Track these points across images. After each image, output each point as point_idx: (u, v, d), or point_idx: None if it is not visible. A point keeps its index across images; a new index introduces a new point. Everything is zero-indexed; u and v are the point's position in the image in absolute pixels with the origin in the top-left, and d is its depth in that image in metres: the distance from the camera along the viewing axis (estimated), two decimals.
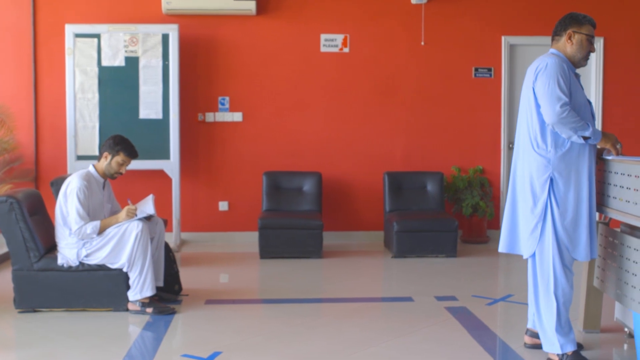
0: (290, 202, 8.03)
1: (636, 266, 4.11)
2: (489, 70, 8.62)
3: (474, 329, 4.93)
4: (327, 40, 8.48)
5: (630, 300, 4.18)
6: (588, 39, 4.25)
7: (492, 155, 8.64)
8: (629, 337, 4.68)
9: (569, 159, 4.12)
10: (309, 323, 5.08)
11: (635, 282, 4.10)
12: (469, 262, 7.33)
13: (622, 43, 8.74)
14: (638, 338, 4.25)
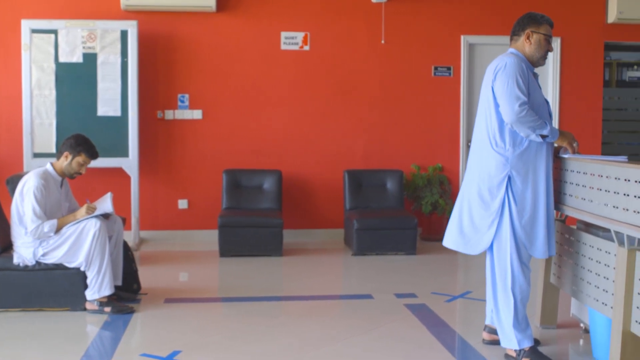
0: (250, 200, 8.01)
1: (592, 263, 4.18)
2: (448, 69, 8.69)
3: (433, 326, 4.97)
4: (287, 38, 8.47)
5: (585, 296, 4.25)
6: (546, 39, 4.30)
7: (451, 153, 8.71)
8: (585, 332, 4.75)
9: (527, 158, 4.16)
10: (268, 321, 5.08)
11: (591, 278, 4.17)
12: (428, 260, 7.38)
13: (579, 43, 8.87)
14: (593, 333, 4.32)
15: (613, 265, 3.87)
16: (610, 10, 8.80)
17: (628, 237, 3.66)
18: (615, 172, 3.80)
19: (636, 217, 3.56)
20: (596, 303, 4.10)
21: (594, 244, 4.17)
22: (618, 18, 8.72)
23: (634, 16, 8.75)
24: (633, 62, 9.49)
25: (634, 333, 3.66)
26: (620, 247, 3.72)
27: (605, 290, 3.99)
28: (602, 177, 3.94)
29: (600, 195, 3.94)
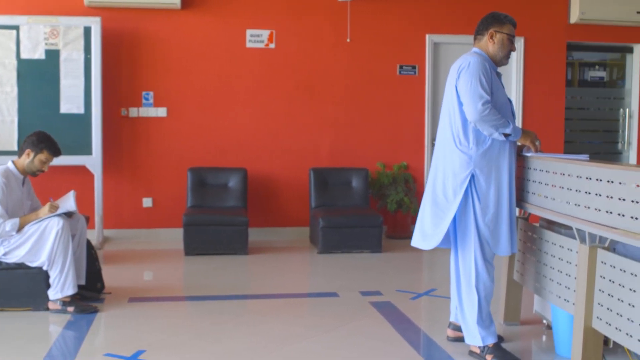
0: (216, 199, 7.98)
1: (554, 260, 4.23)
2: (413, 68, 8.74)
3: (398, 323, 4.99)
4: (252, 36, 8.45)
5: (548, 293, 4.30)
6: (509, 38, 4.33)
7: (416, 152, 8.76)
8: (548, 328, 4.81)
9: (490, 156, 4.20)
10: (234, 320, 5.06)
11: (553, 275, 4.22)
12: (394, 257, 7.42)
13: (542, 43, 8.97)
14: (556, 329, 4.37)
15: (575, 263, 3.93)
16: (573, 11, 8.92)
17: (589, 234, 3.71)
18: (577, 171, 3.85)
19: (597, 214, 3.61)
20: (558, 300, 4.15)
21: (556, 241, 4.23)
22: (580, 19, 8.83)
23: (595, 17, 8.87)
24: (595, 62, 9.61)
25: (595, 329, 3.71)
26: (582, 244, 3.77)
27: (567, 287, 4.04)
28: (564, 176, 3.99)
29: (563, 193, 3.99)
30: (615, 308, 3.51)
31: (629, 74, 9.50)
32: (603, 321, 3.63)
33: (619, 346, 4.10)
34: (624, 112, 9.48)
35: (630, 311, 3.38)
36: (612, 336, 3.57)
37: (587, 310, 3.73)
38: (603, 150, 9.62)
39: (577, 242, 3.84)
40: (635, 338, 3.34)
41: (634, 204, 3.30)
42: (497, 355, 4.19)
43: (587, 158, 4.10)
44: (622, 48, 9.46)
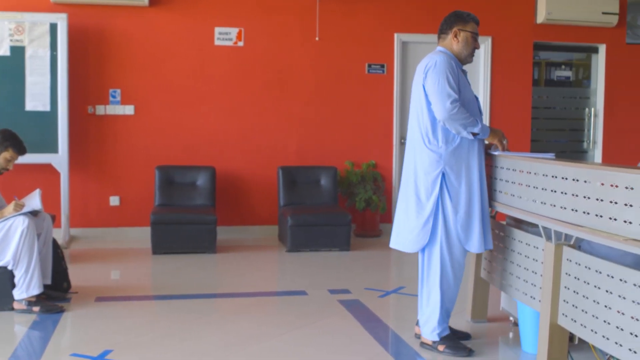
0: (184, 197, 7.94)
1: (520, 258, 4.27)
2: (382, 67, 8.76)
3: (366, 321, 5.00)
4: (221, 34, 8.42)
5: (515, 290, 4.34)
6: (473, 36, 4.37)
7: (384, 150, 8.78)
8: (514, 325, 4.85)
9: (460, 154, 4.23)
10: (202, 319, 5.04)
11: (520, 273, 4.26)
12: (362, 256, 7.44)
13: (509, 43, 9.05)
14: (522, 326, 4.42)
15: (541, 260, 3.96)
16: (540, 11, 9.01)
17: (555, 232, 3.75)
18: (543, 169, 3.89)
19: (563, 212, 3.65)
20: (525, 297, 4.19)
21: (522, 239, 4.27)
22: (547, 19, 8.92)
23: (561, 17, 8.97)
24: (561, 62, 9.71)
25: (560, 325, 3.76)
26: (548, 242, 3.81)
27: (533, 284, 4.08)
28: (530, 174, 4.02)
29: (529, 191, 4.03)
30: (581, 305, 3.55)
31: (595, 74, 9.61)
32: (568, 318, 3.67)
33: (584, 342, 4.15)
34: (590, 111, 9.60)
35: (595, 308, 3.42)
36: (577, 333, 3.61)
37: (553, 307, 3.77)
38: (569, 149, 9.73)
39: (543, 239, 3.88)
40: (600, 334, 3.38)
41: (599, 202, 3.34)
42: (448, 345, 4.31)
43: (553, 157, 4.15)
44: (587, 48, 9.57)
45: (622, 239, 3.11)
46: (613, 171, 3.28)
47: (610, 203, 3.26)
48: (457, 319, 4.93)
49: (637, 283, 3.11)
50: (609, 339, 3.31)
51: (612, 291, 3.29)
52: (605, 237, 3.25)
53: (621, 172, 3.21)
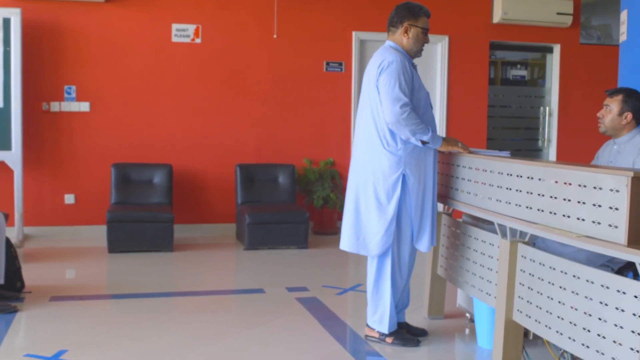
0: (140, 195, 7.86)
1: (476, 255, 4.31)
2: (339, 65, 8.78)
3: (324, 319, 5.01)
4: (178, 30, 8.35)
5: (471, 287, 4.39)
6: (423, 32, 4.32)
7: (342, 148, 8.80)
8: (470, 321, 4.91)
9: (418, 155, 4.23)
10: (158, 318, 5.00)
11: (476, 270, 4.30)
12: (320, 253, 7.45)
13: (466, 42, 9.13)
14: (478, 322, 4.46)
15: (496, 257, 4.01)
16: (496, 10, 9.11)
17: (510, 229, 3.79)
18: (498, 167, 3.93)
19: (518, 210, 3.70)
20: (481, 293, 4.24)
21: (478, 236, 4.31)
22: (503, 18, 9.03)
23: (517, 17, 9.08)
24: (516, 61, 9.83)
25: (515, 321, 3.80)
26: (503, 239, 3.86)
27: (489, 280, 4.12)
28: (486, 172, 4.07)
29: (485, 189, 4.07)
30: (535, 301, 3.60)
31: (549, 73, 9.75)
32: (523, 314, 3.72)
33: (538, 338, 4.22)
34: (544, 110, 9.73)
35: (548, 304, 3.47)
36: (531, 328, 3.66)
37: (508, 303, 3.81)
38: (524, 147, 9.85)
39: (499, 237, 3.92)
40: (553, 330, 3.43)
41: (553, 199, 3.39)
42: (397, 337, 4.38)
43: (509, 155, 4.20)
44: (542, 48, 9.70)
45: (575, 235, 3.16)
46: (567, 169, 3.33)
47: (563, 200, 3.31)
48: (414, 315, 4.96)
49: (589, 279, 3.16)
50: (562, 334, 3.36)
51: (565, 287, 3.34)
52: (558, 234, 3.29)
53: (574, 170, 3.26)
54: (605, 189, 3.03)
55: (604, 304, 3.05)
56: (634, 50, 6.02)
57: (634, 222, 2.90)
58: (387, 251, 4.28)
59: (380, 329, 4.42)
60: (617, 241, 2.95)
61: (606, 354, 3.03)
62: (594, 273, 3.15)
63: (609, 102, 4.40)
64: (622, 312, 2.94)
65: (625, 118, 4.35)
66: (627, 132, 4.38)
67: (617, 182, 2.96)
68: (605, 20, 9.62)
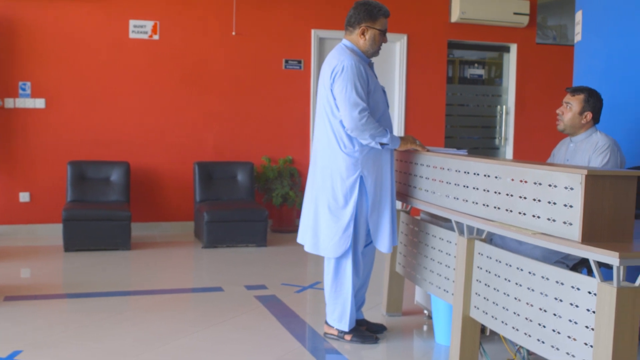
0: (97, 193, 7.77)
1: (434, 252, 4.34)
2: (299, 62, 8.78)
3: (283, 317, 5.01)
4: (136, 27, 8.27)
5: (428, 284, 4.42)
6: (381, 34, 4.30)
7: (301, 146, 8.80)
8: (428, 318, 4.94)
9: (375, 156, 4.24)
10: (116, 317, 4.95)
11: (434, 267, 4.34)
12: (279, 251, 7.44)
13: (424, 41, 9.19)
14: (436, 319, 4.50)
15: (454, 254, 4.04)
16: (454, 10, 9.18)
17: (467, 226, 3.83)
18: (456, 165, 3.97)
19: (475, 207, 3.73)
20: (438, 290, 4.27)
21: (436, 234, 4.34)
22: (460, 18, 9.10)
23: (475, 16, 9.17)
24: (474, 61, 9.92)
25: (472, 317, 3.84)
26: (460, 236, 3.89)
27: (446, 277, 4.15)
28: (444, 170, 4.10)
29: (442, 187, 4.10)
30: (492, 297, 3.64)
31: (506, 72, 9.86)
32: (480, 310, 3.75)
33: (495, 334, 4.27)
34: (501, 109, 9.84)
35: (505, 300, 3.51)
36: (488, 324, 3.70)
37: (465, 300, 3.85)
38: (481, 145, 9.95)
39: (456, 234, 3.96)
40: (510, 326, 3.47)
41: (509, 197, 3.43)
42: (355, 334, 4.40)
43: (466, 153, 4.23)
44: (500, 47, 9.81)
45: (531, 233, 3.20)
46: (523, 167, 3.37)
47: (519, 198, 3.35)
48: (372, 312, 4.99)
49: (545, 276, 3.20)
50: (518, 330, 3.40)
51: (521, 284, 3.38)
52: (514, 231, 3.33)
53: (530, 168, 3.30)
54: (560, 186, 3.07)
55: (558, 300, 3.10)
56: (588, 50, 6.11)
57: (588, 219, 2.94)
58: (345, 252, 4.28)
59: (339, 326, 4.43)
60: (571, 238, 2.99)
61: (561, 349, 3.08)
62: (549, 270, 3.20)
63: (570, 99, 4.46)
64: (576, 307, 2.98)
65: (585, 117, 4.42)
66: (584, 130, 4.45)
67: (572, 180, 3.00)
68: (561, 20, 9.77)
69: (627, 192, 3.02)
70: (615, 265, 2.75)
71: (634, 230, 3.07)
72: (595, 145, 4.34)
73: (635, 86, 5.48)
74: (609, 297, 2.78)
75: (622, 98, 5.53)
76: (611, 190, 2.98)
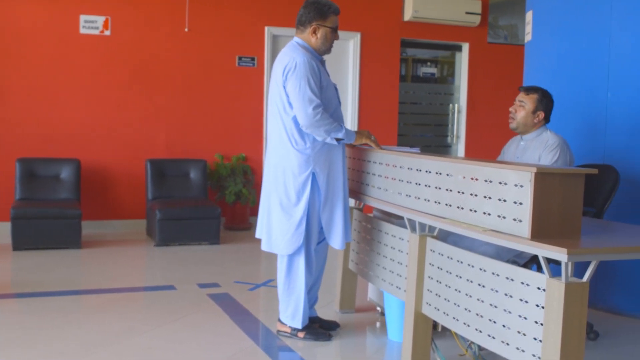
0: (46, 191, 7.64)
1: (387, 249, 4.36)
2: (252, 60, 8.75)
3: (236, 315, 4.99)
4: (87, 22, 8.15)
5: (381, 281, 4.44)
6: (332, 31, 4.31)
7: (254, 143, 8.77)
8: (381, 315, 4.97)
9: (327, 152, 4.25)
10: (66, 317, 4.88)
11: (386, 264, 4.36)
12: (232, 249, 7.41)
13: (377, 39, 9.24)
14: (389, 315, 4.53)
15: (406, 251, 4.07)
16: (407, 8, 9.24)
17: (419, 224, 3.85)
18: (408, 163, 3.99)
19: (427, 205, 3.76)
20: (391, 287, 4.29)
21: (389, 231, 4.37)
22: (413, 16, 9.17)
23: (428, 15, 9.24)
24: (426, 59, 10.00)
25: (424, 314, 3.87)
26: (412, 233, 3.92)
27: (399, 274, 4.18)
28: (396, 167, 4.12)
29: (395, 184, 4.13)
30: (443, 294, 3.67)
31: (458, 71, 9.96)
32: (432, 306, 3.79)
33: (447, 330, 4.30)
34: (454, 107, 9.94)
35: (456, 296, 3.55)
36: (440, 320, 3.73)
37: (417, 296, 3.88)
38: (434, 143, 10.04)
39: (408, 231, 3.98)
40: (461, 322, 3.51)
41: (460, 194, 3.46)
42: (309, 332, 4.41)
43: (419, 151, 4.27)
44: (452, 46, 9.90)
45: (482, 229, 3.24)
46: (474, 165, 3.40)
47: (470, 195, 3.39)
48: (325, 309, 5.00)
49: (495, 272, 3.24)
50: (469, 326, 3.44)
51: (472, 280, 3.42)
52: (465, 228, 3.37)
53: (481, 165, 3.34)
54: (510, 184, 3.11)
55: (509, 296, 3.14)
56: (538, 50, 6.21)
57: (537, 216, 2.99)
58: (297, 249, 4.28)
59: (292, 324, 4.43)
60: (521, 235, 3.03)
61: (511, 344, 3.12)
62: (499, 266, 3.24)
63: (523, 98, 4.53)
64: (526, 303, 3.03)
65: (537, 116, 4.50)
66: (536, 129, 4.53)
67: (522, 177, 3.04)
68: (512, 20, 9.90)
69: (575, 190, 3.07)
70: (563, 262, 2.80)
71: (581, 227, 3.13)
72: (545, 144, 4.42)
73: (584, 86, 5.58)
74: (558, 293, 2.83)
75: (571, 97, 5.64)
76: (560, 188, 3.03)
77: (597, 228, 3.59)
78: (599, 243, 3.12)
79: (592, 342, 4.54)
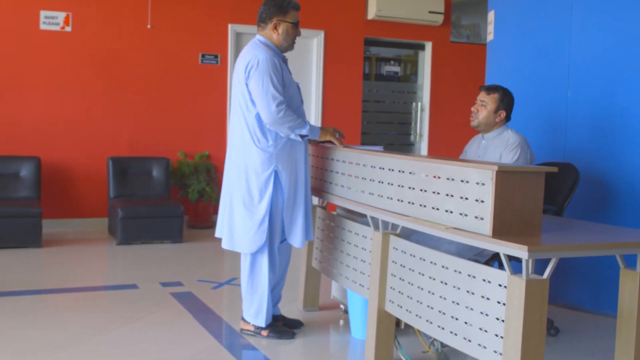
0: (6, 189, 7.53)
1: (350, 247, 4.38)
2: (215, 57, 8.71)
3: (199, 313, 4.97)
4: (47, 18, 8.05)
5: (345, 279, 4.45)
6: (293, 26, 4.31)
7: (217, 141, 8.73)
8: (345, 312, 4.98)
9: (289, 150, 4.25)
10: (26, 317, 4.81)
11: (350, 262, 4.37)
12: (195, 247, 7.38)
13: (341, 37, 9.25)
14: (352, 313, 4.54)
15: (369, 249, 4.09)
16: (370, 7, 9.27)
17: (382, 221, 3.87)
18: (371, 161, 4.01)
19: (389, 203, 3.78)
20: (354, 285, 4.31)
21: (352, 229, 4.38)
22: (377, 15, 9.20)
23: (391, 14, 9.28)
24: (390, 58, 10.04)
25: (387, 311, 3.89)
26: (376, 231, 3.94)
27: (362, 272, 4.20)
28: (359, 166, 4.14)
29: (358, 182, 4.14)
30: (406, 291, 3.69)
31: (421, 70, 10.02)
32: (395, 304, 3.81)
33: (410, 327, 4.33)
34: (417, 105, 9.99)
35: (419, 294, 3.57)
36: (403, 318, 3.76)
37: (380, 294, 3.89)
38: (397, 141, 10.09)
39: (371, 229, 4.00)
40: (424, 319, 3.53)
41: (423, 192, 3.49)
42: (272, 330, 4.42)
43: (382, 149, 4.29)
44: (415, 45, 9.96)
45: (444, 227, 3.26)
46: (436, 163, 3.43)
47: (433, 193, 3.41)
48: (289, 307, 5.00)
49: (457, 269, 3.27)
50: (432, 323, 3.47)
51: (434, 277, 3.44)
52: (428, 225, 3.39)
53: (443, 164, 3.37)
54: (472, 182, 3.14)
55: (470, 293, 3.17)
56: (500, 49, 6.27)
57: (498, 214, 3.02)
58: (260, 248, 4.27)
59: (256, 322, 4.42)
60: (482, 232, 3.06)
61: (473, 341, 3.15)
62: (461, 263, 3.27)
63: (485, 97, 4.57)
64: (487, 300, 3.06)
65: (499, 115, 4.55)
66: (497, 128, 4.58)
67: (483, 175, 3.08)
68: (475, 19, 9.98)
69: (535, 188, 3.11)
70: (524, 259, 2.83)
71: (542, 225, 3.17)
72: (506, 143, 4.47)
73: (545, 85, 5.66)
74: (519, 290, 2.86)
75: (532, 96, 5.71)
76: (521, 186, 3.07)
77: (557, 226, 3.64)
78: (559, 240, 3.16)
79: (553, 337, 4.60)
